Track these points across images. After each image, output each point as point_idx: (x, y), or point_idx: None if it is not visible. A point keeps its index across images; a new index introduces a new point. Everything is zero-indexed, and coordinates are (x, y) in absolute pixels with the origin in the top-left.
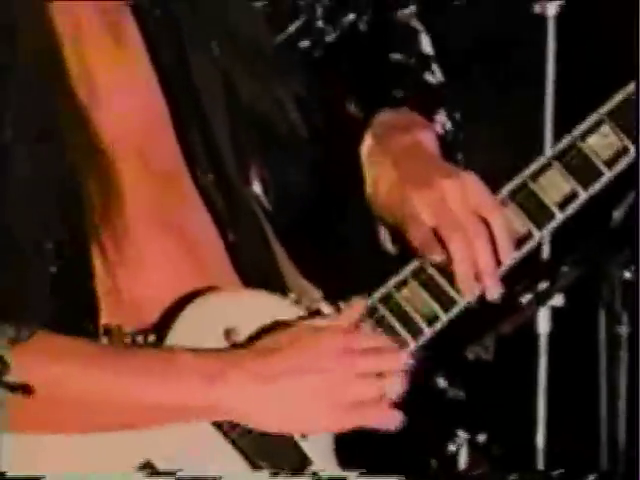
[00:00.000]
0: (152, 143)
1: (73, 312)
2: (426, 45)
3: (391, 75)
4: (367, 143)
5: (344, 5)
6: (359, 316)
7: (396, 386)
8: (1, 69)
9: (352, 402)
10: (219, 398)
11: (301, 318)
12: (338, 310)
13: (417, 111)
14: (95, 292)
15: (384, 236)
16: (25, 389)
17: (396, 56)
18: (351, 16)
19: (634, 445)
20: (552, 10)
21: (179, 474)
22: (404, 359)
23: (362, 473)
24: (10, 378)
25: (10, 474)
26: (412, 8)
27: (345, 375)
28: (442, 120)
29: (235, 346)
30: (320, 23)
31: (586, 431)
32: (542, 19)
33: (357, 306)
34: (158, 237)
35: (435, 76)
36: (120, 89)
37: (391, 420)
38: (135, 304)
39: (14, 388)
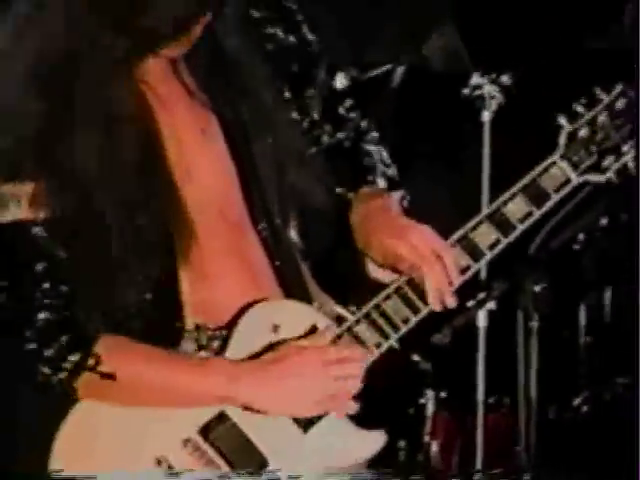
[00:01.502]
0: (227, 202)
1: (167, 318)
2: (385, 156)
3: (366, 169)
4: (353, 207)
5: (338, 130)
6: (331, 338)
7: (356, 385)
8: (113, 154)
9: (325, 397)
10: (236, 392)
11: (299, 337)
12: (347, 310)
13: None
14: (182, 304)
15: (371, 268)
16: (111, 376)
17: (367, 160)
18: (340, 135)
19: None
20: (487, 117)
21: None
22: (362, 368)
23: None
24: (102, 368)
25: (58, 475)
26: (374, 135)
27: (321, 379)
28: (399, 198)
29: (251, 357)
30: (325, 139)
31: (509, 388)
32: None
33: (328, 331)
34: (230, 263)
35: (393, 171)
36: (206, 167)
37: (350, 408)
38: (214, 309)
39: (104, 375)
